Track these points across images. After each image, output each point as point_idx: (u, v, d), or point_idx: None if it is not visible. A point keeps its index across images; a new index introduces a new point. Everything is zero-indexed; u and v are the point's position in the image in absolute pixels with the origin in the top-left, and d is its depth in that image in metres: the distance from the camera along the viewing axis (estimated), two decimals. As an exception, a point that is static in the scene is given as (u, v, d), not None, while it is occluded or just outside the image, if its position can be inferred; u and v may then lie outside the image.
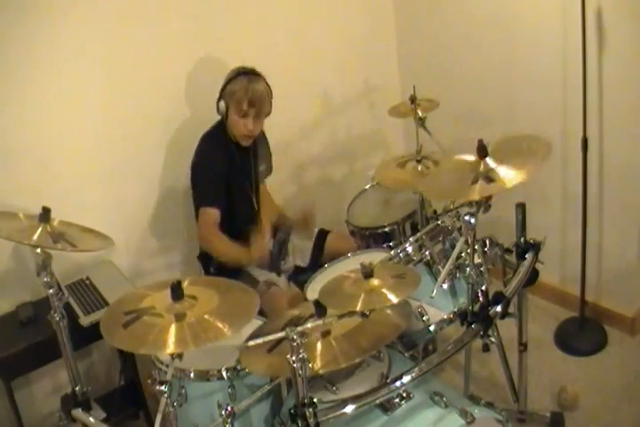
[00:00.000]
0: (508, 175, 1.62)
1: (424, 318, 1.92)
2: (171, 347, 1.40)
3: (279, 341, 1.55)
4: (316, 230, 2.65)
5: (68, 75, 2.30)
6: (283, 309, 2.24)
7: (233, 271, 2.38)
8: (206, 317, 1.48)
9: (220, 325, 1.45)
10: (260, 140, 2.51)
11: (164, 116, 2.57)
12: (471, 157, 1.73)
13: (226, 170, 2.36)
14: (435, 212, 2.50)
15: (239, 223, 2.44)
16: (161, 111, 2.55)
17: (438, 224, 2.09)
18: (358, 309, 1.51)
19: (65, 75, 2.29)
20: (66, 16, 2.24)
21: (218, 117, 2.39)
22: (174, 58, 2.53)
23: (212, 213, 2.31)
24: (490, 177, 1.63)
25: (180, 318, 1.47)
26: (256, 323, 1.93)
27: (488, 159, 1.68)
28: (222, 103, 2.30)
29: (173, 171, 2.63)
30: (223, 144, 2.37)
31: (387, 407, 1.63)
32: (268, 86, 2.31)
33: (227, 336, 1.43)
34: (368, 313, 1.56)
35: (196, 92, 2.60)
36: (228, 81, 2.28)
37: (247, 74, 2.27)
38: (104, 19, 2.33)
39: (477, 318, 1.71)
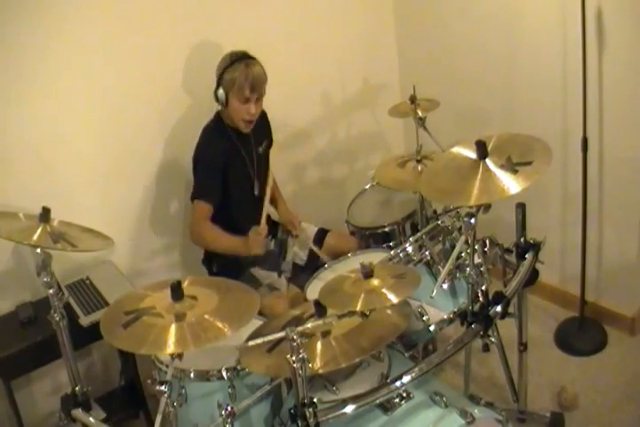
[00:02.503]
0: (507, 182, 1.60)
1: (424, 318, 1.92)
2: (171, 347, 1.40)
3: (279, 341, 1.55)
4: (316, 229, 2.65)
5: (67, 74, 2.30)
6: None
7: (235, 272, 2.38)
8: (206, 317, 1.48)
9: (220, 325, 1.46)
10: (260, 119, 2.47)
11: (164, 115, 2.57)
12: (469, 153, 1.73)
13: (226, 161, 2.35)
14: (435, 212, 2.50)
15: (240, 210, 2.45)
16: (160, 110, 2.55)
17: (438, 224, 2.10)
18: (358, 309, 1.52)
19: (64, 74, 2.29)
20: (65, 15, 2.24)
21: (215, 112, 2.39)
22: (174, 57, 2.53)
23: (204, 208, 2.32)
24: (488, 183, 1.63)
25: (180, 318, 1.47)
26: (256, 323, 1.93)
27: (487, 160, 1.68)
28: (221, 91, 2.28)
29: (173, 170, 2.63)
30: (223, 134, 2.37)
31: (387, 407, 1.63)
32: (262, 67, 2.30)
33: (227, 336, 1.43)
34: (368, 313, 1.56)
35: (195, 90, 2.60)
36: (224, 69, 2.26)
37: (242, 59, 2.26)
38: (103, 19, 2.33)
39: (477, 318, 1.71)
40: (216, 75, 2.29)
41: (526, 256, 1.88)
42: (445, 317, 1.94)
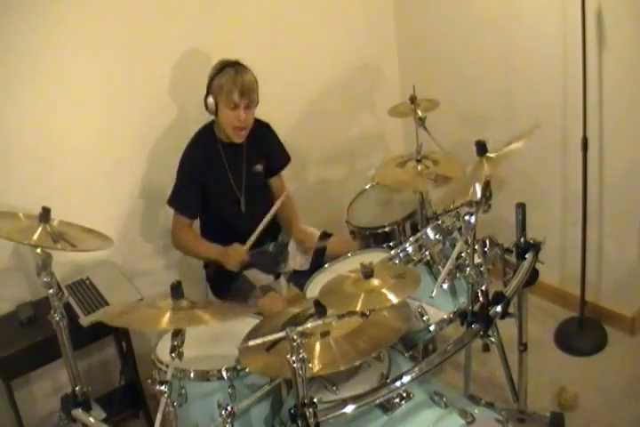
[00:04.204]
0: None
1: (424, 318, 1.92)
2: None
3: (278, 340, 1.55)
4: (319, 233, 2.64)
5: (68, 75, 2.30)
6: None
7: (230, 277, 2.37)
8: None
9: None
10: (259, 135, 2.44)
11: (165, 115, 2.58)
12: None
13: (206, 173, 2.33)
14: (435, 212, 2.49)
15: (226, 225, 2.44)
16: (161, 110, 2.56)
17: (438, 224, 2.09)
18: (358, 309, 1.51)
19: (64, 75, 2.29)
20: (63, 14, 2.24)
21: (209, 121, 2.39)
22: (173, 56, 2.53)
23: (179, 219, 2.38)
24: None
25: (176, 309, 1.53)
26: (255, 323, 1.93)
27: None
28: (211, 99, 2.26)
29: (174, 170, 2.62)
30: (208, 144, 2.36)
31: (387, 407, 1.63)
32: (253, 76, 2.28)
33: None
34: (368, 313, 1.56)
35: (195, 91, 2.57)
36: (214, 75, 2.25)
37: (232, 65, 2.24)
38: (104, 19, 2.33)
39: (477, 318, 1.71)
40: (207, 83, 2.28)
41: (526, 256, 1.89)
42: (445, 317, 1.94)
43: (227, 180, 2.41)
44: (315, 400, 1.43)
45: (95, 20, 2.32)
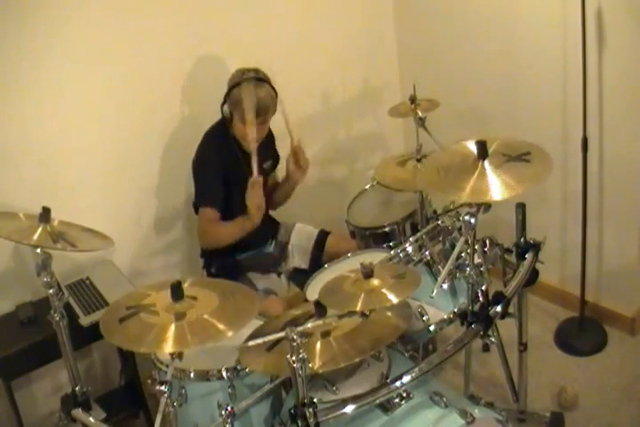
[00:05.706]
0: (499, 187, 1.60)
1: (424, 318, 1.92)
2: (170, 346, 1.40)
3: (278, 340, 1.55)
4: (317, 232, 2.65)
5: (69, 74, 2.30)
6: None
7: (233, 276, 2.36)
8: (205, 317, 1.48)
9: (221, 326, 1.45)
10: (267, 134, 2.45)
11: (165, 115, 2.57)
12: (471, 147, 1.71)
13: (226, 168, 2.34)
14: (435, 212, 2.49)
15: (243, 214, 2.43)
16: (162, 111, 2.55)
17: (438, 224, 2.09)
18: (358, 309, 1.51)
19: (66, 74, 2.29)
20: (66, 15, 2.24)
21: (218, 116, 2.38)
22: (175, 56, 2.53)
23: (210, 214, 2.30)
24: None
25: (179, 317, 1.47)
26: (257, 323, 1.93)
27: (486, 163, 1.66)
28: (227, 108, 2.27)
29: (174, 170, 2.63)
30: (225, 142, 2.36)
31: (387, 407, 1.63)
32: (273, 88, 2.26)
33: (227, 337, 1.43)
34: (368, 313, 1.56)
35: (196, 91, 2.60)
36: (234, 85, 2.22)
37: (250, 80, 2.21)
38: (105, 18, 2.33)
39: (477, 318, 1.71)
40: (227, 88, 2.26)
41: (526, 256, 1.89)
42: (445, 317, 1.94)
43: (244, 176, 2.39)
44: (315, 400, 1.44)
45: (98, 20, 2.31)
